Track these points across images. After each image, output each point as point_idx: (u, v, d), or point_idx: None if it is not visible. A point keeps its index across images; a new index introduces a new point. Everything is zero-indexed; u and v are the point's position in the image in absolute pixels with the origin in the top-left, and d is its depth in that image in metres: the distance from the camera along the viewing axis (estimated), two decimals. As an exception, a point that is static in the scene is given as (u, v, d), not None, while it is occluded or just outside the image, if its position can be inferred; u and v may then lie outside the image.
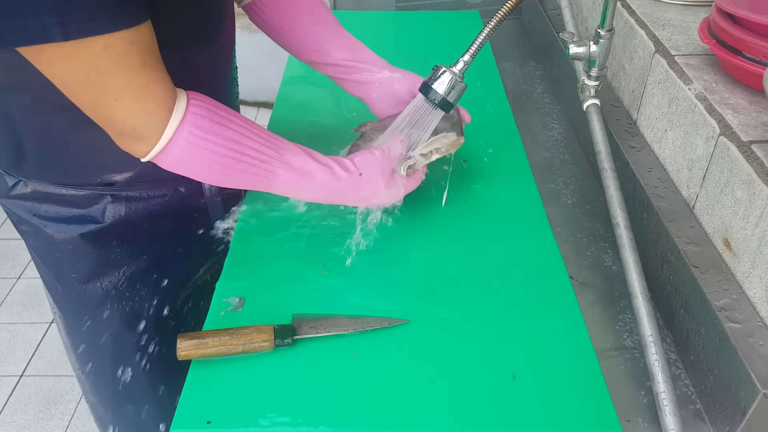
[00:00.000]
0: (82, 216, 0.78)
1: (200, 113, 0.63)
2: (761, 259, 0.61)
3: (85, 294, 0.82)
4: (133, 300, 0.84)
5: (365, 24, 1.37)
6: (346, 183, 0.72)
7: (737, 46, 0.70)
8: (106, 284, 0.82)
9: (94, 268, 0.81)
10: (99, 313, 0.83)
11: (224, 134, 0.64)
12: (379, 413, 0.61)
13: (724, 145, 0.67)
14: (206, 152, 0.64)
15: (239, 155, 0.65)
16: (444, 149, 0.79)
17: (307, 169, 0.69)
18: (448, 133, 0.79)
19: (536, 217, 0.84)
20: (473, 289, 0.74)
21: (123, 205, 0.79)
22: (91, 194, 0.77)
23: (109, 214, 0.79)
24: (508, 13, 0.71)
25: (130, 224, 0.80)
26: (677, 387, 0.66)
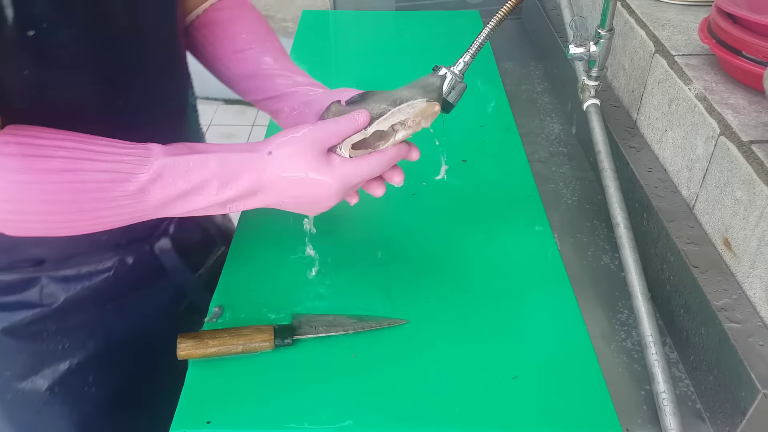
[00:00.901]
0: (13, 303, 0.68)
1: (9, 152, 0.50)
2: (761, 259, 0.61)
3: (22, 395, 0.71)
4: (82, 398, 0.73)
5: (365, 24, 1.37)
6: (246, 161, 0.56)
7: (737, 46, 0.70)
8: (46, 380, 0.70)
9: (32, 362, 0.70)
10: (41, 418, 0.72)
11: (48, 167, 0.51)
12: (379, 413, 0.61)
13: (724, 145, 0.67)
14: (33, 192, 0.51)
15: (75, 185, 0.52)
16: (412, 122, 0.60)
17: (188, 162, 0.55)
18: (414, 101, 0.60)
19: (536, 217, 0.84)
20: (473, 290, 0.74)
21: (60, 286, 0.68)
22: (21, 278, 0.67)
23: (46, 299, 0.68)
24: (508, 13, 0.71)
25: (74, 309, 0.70)
26: (677, 387, 0.66)
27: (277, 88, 0.70)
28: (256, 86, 0.72)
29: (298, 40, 1.29)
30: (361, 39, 1.31)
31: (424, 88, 0.63)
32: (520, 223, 0.84)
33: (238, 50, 0.72)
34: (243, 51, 0.72)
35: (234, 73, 0.73)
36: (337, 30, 1.36)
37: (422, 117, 0.61)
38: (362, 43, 1.29)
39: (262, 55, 0.71)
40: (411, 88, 0.63)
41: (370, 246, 0.80)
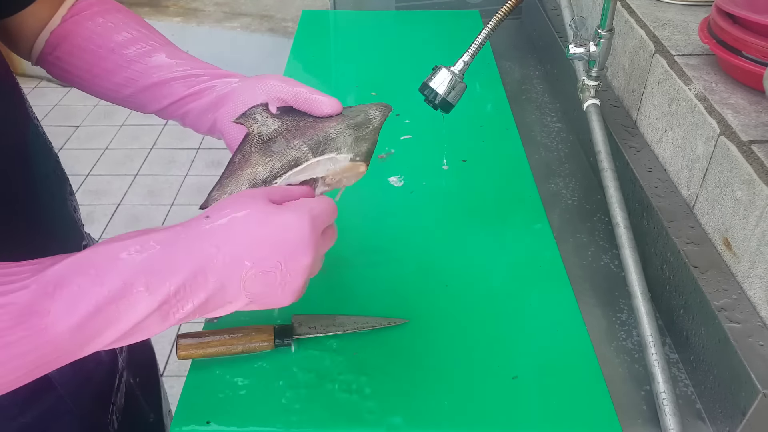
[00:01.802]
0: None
1: None
2: (761, 259, 0.61)
3: None
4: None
5: (365, 24, 1.37)
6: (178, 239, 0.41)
7: (737, 45, 0.70)
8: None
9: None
10: None
11: None
12: (379, 413, 0.61)
13: (724, 145, 0.67)
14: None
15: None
16: (331, 179, 0.53)
17: (93, 257, 0.39)
18: (338, 155, 0.52)
19: (535, 217, 0.84)
20: (473, 290, 0.74)
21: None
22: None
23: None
24: (508, 13, 0.71)
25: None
26: (677, 387, 0.66)
27: (178, 90, 0.59)
28: (155, 92, 0.59)
29: (298, 40, 1.29)
30: (361, 39, 1.31)
31: (356, 134, 0.53)
32: (519, 222, 0.84)
33: (119, 57, 0.59)
34: (124, 56, 0.59)
35: (120, 85, 0.60)
36: (337, 30, 1.36)
37: (343, 176, 0.53)
38: (362, 43, 1.29)
39: (150, 55, 0.60)
40: (345, 126, 0.54)
41: (369, 246, 0.80)
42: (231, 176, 0.53)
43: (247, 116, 0.55)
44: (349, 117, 0.55)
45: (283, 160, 0.52)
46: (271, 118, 0.55)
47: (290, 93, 0.56)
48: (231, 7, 2.80)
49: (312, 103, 0.55)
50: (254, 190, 0.46)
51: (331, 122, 0.55)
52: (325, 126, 0.54)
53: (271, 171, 0.52)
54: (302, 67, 1.20)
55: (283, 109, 0.56)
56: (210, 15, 2.74)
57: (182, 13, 2.74)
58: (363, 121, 0.55)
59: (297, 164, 0.52)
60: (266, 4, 2.82)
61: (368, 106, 0.57)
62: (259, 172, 0.52)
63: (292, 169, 0.52)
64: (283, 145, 0.53)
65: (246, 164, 0.53)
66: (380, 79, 1.14)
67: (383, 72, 1.18)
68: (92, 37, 0.59)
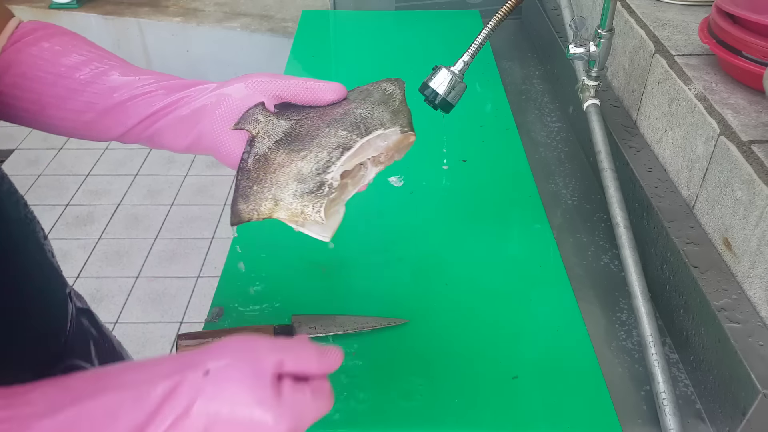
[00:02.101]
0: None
1: None
2: (761, 259, 0.61)
3: None
4: None
5: (365, 24, 1.37)
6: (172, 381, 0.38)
7: (737, 45, 0.70)
8: None
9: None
10: None
11: None
12: (378, 413, 0.61)
13: (724, 145, 0.67)
14: None
15: None
16: (384, 157, 0.50)
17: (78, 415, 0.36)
18: (386, 130, 0.49)
19: (536, 217, 0.84)
20: (473, 290, 0.74)
21: None
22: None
23: None
24: (508, 12, 0.71)
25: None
26: (677, 387, 0.66)
27: (145, 107, 0.52)
28: (119, 113, 0.53)
29: (298, 40, 1.29)
30: (361, 39, 1.31)
31: (388, 108, 0.50)
32: (520, 222, 0.84)
33: (71, 81, 0.53)
34: (77, 79, 0.53)
35: (78, 112, 0.53)
36: (337, 30, 1.36)
37: (396, 151, 0.50)
38: (362, 43, 1.29)
39: (108, 74, 0.53)
40: (370, 104, 0.51)
41: (369, 246, 0.80)
42: (258, 182, 0.47)
43: (247, 119, 0.50)
44: (362, 98, 0.52)
45: (325, 148, 0.48)
46: (275, 116, 0.51)
47: (287, 86, 0.52)
48: (231, 7, 2.80)
49: (314, 91, 0.51)
50: (269, 344, 0.39)
51: (349, 105, 0.50)
52: (344, 110, 0.50)
53: (318, 162, 0.47)
54: (302, 67, 1.20)
55: (280, 106, 0.52)
56: (210, 15, 2.73)
57: (182, 12, 2.74)
58: (384, 97, 0.52)
59: (347, 148, 0.48)
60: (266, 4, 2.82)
61: (374, 85, 0.54)
62: (303, 167, 0.47)
63: (343, 155, 0.47)
64: (312, 136, 0.48)
65: (271, 166, 0.48)
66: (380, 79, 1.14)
67: (383, 72, 1.17)
68: (38, 63, 0.52)
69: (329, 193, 0.46)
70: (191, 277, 1.99)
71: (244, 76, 0.53)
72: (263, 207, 0.46)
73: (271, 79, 0.52)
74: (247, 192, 0.47)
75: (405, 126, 0.50)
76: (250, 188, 0.47)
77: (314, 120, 0.50)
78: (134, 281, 1.97)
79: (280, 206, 0.46)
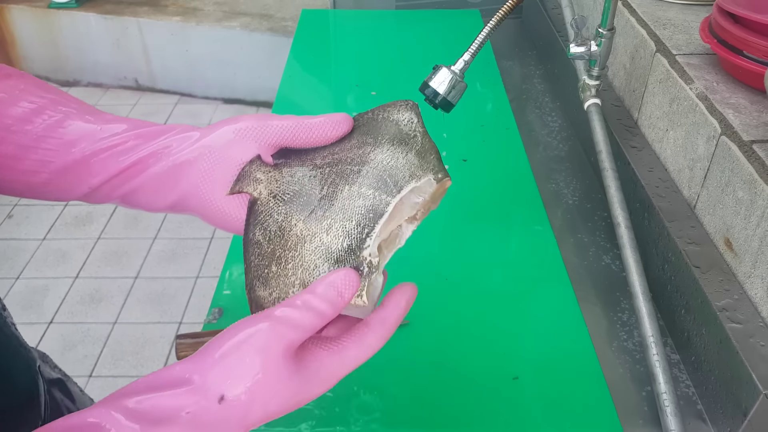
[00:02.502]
0: None
1: None
2: (762, 260, 0.61)
3: None
4: None
5: (365, 23, 1.37)
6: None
7: (738, 45, 0.69)
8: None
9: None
10: None
11: None
12: (378, 414, 0.61)
13: (725, 144, 0.67)
14: None
15: None
16: (421, 214, 0.43)
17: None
18: (418, 182, 0.41)
19: (536, 217, 0.84)
20: (473, 290, 0.74)
21: None
22: None
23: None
24: (508, 12, 0.71)
25: None
26: (678, 388, 0.66)
27: (113, 163, 0.43)
28: (79, 171, 0.44)
29: (297, 40, 1.28)
30: (361, 38, 1.31)
31: (412, 150, 0.42)
32: (520, 223, 0.83)
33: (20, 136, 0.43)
34: (28, 133, 0.43)
35: (29, 173, 0.44)
36: (337, 29, 1.36)
37: (432, 204, 0.43)
38: (362, 43, 1.29)
39: (64, 125, 0.44)
40: (388, 145, 0.42)
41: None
42: (276, 262, 0.40)
43: (245, 180, 0.42)
44: (374, 134, 0.43)
45: (352, 216, 0.40)
46: (277, 171, 0.42)
47: (284, 130, 0.43)
48: (230, 6, 2.80)
49: (316, 129, 0.42)
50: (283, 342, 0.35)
51: (363, 148, 0.42)
52: (358, 155, 0.42)
53: (348, 235, 0.39)
54: (302, 67, 1.20)
55: (278, 154, 0.43)
56: (209, 14, 2.73)
57: (181, 12, 2.74)
58: (402, 132, 0.43)
59: (378, 214, 0.40)
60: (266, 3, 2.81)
61: (384, 113, 0.44)
62: (331, 243, 0.39)
63: (377, 224, 0.39)
64: (329, 197, 0.40)
65: (288, 240, 0.40)
66: (380, 79, 1.14)
67: (383, 71, 1.17)
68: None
69: (369, 273, 0.39)
70: (190, 278, 1.99)
71: (229, 120, 0.44)
72: (291, 294, 0.39)
73: (263, 123, 0.43)
74: (266, 275, 0.40)
75: (438, 171, 0.42)
76: (268, 269, 0.40)
77: (326, 172, 0.42)
78: (133, 281, 1.97)
79: None
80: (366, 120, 0.44)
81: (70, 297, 1.91)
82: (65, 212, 2.24)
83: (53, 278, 1.98)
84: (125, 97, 2.84)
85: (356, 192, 0.40)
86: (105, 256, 2.06)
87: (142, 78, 2.85)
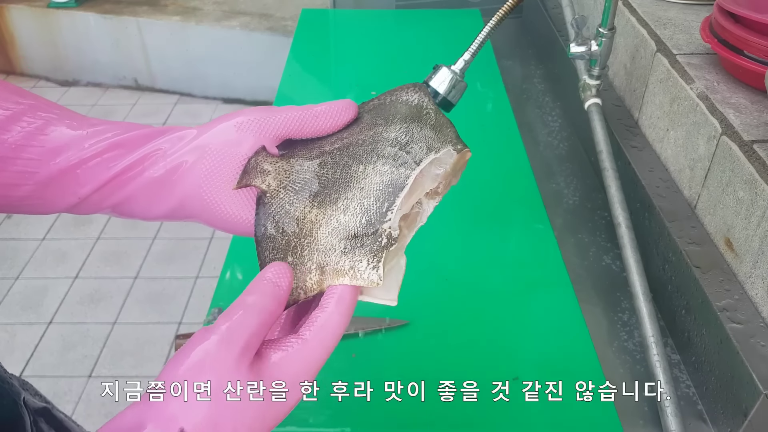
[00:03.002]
0: None
1: None
2: (763, 260, 0.61)
3: None
4: None
5: (365, 22, 1.37)
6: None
7: (739, 45, 0.69)
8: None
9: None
10: None
11: None
12: (378, 414, 0.61)
13: (725, 144, 0.67)
14: None
15: None
16: (443, 186, 0.41)
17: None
18: (437, 153, 0.40)
19: (537, 217, 0.84)
20: (473, 290, 0.74)
21: None
22: None
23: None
24: (509, 11, 0.70)
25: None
26: (678, 388, 0.66)
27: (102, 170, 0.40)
28: (65, 182, 0.40)
29: (297, 39, 1.28)
30: (361, 38, 1.31)
31: (426, 125, 0.41)
32: (520, 223, 0.83)
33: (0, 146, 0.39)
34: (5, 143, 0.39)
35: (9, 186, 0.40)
36: (336, 28, 1.36)
37: (453, 176, 0.41)
38: (362, 42, 1.29)
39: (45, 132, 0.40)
40: (401, 123, 0.41)
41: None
42: (291, 252, 0.38)
43: (252, 173, 0.39)
44: (383, 116, 0.42)
45: (370, 192, 0.38)
46: (284, 161, 0.40)
47: (289, 121, 0.40)
48: (230, 5, 2.79)
49: (323, 117, 0.41)
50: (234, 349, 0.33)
51: (373, 129, 0.40)
52: (369, 136, 0.40)
53: (367, 211, 0.38)
54: (301, 67, 1.20)
55: (283, 145, 0.41)
56: (209, 14, 2.73)
57: (181, 11, 2.73)
58: (413, 110, 0.42)
59: (399, 187, 0.38)
60: (265, 2, 2.81)
61: (390, 97, 0.43)
62: (349, 222, 0.38)
63: (398, 196, 0.38)
64: (344, 180, 0.39)
65: (302, 228, 0.38)
66: (380, 78, 1.14)
67: (383, 71, 1.17)
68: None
69: (389, 244, 0.37)
70: (190, 278, 1.98)
71: (230, 116, 0.41)
72: (309, 282, 0.37)
73: (266, 115, 0.40)
74: None
75: (456, 142, 0.41)
76: (284, 261, 0.38)
77: (336, 156, 0.40)
78: (133, 281, 1.97)
79: (326, 272, 0.37)
80: (373, 105, 0.43)
81: (69, 297, 1.91)
82: (65, 212, 2.23)
83: (53, 278, 1.98)
84: (125, 96, 2.84)
85: (372, 170, 0.38)
86: (104, 256, 2.06)
87: (141, 78, 2.85)
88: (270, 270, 0.36)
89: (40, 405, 0.57)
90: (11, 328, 1.84)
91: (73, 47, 2.83)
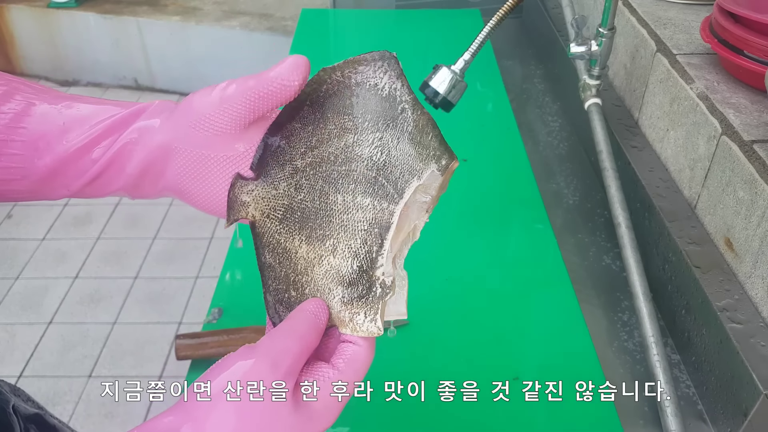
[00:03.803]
0: None
1: None
2: (763, 260, 0.61)
3: None
4: None
5: (365, 22, 1.37)
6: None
7: (739, 45, 0.69)
8: None
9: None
10: None
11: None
12: (378, 414, 0.61)
13: (725, 144, 0.67)
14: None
15: None
16: (431, 207, 0.39)
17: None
18: (420, 179, 0.36)
19: (537, 217, 0.84)
20: (473, 290, 0.74)
21: None
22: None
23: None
24: (508, 11, 0.70)
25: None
26: (678, 388, 0.66)
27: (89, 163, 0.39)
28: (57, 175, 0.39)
29: (297, 39, 1.28)
30: (361, 38, 1.31)
31: (404, 133, 0.36)
32: (520, 223, 0.83)
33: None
34: None
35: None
36: (336, 28, 1.36)
37: (440, 194, 0.38)
38: (362, 42, 1.29)
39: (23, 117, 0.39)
40: (374, 131, 0.36)
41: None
42: (293, 287, 0.38)
43: (234, 207, 0.40)
44: (350, 113, 0.38)
45: (355, 232, 0.36)
46: (260, 186, 0.39)
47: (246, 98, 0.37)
48: (230, 5, 2.79)
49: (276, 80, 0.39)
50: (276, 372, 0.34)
51: (342, 138, 0.37)
52: (340, 148, 0.37)
53: (356, 255, 0.36)
54: (302, 66, 1.20)
55: (255, 163, 0.39)
56: (209, 14, 2.73)
57: (181, 11, 2.73)
58: (384, 107, 0.36)
59: (384, 227, 0.36)
60: (265, 2, 2.81)
61: (351, 74, 0.40)
62: (341, 267, 0.37)
63: (384, 240, 0.36)
64: (324, 210, 0.37)
65: (296, 263, 0.38)
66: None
67: (383, 71, 1.17)
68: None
69: (384, 294, 0.36)
70: (190, 278, 1.98)
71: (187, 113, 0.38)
72: None
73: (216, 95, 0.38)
74: (287, 299, 0.39)
75: (440, 156, 0.35)
76: (287, 293, 0.38)
77: (310, 177, 0.37)
78: (133, 281, 1.97)
79: (331, 316, 0.38)
80: (336, 85, 0.39)
81: (69, 297, 1.91)
82: (64, 212, 2.23)
83: (53, 278, 1.98)
84: (124, 96, 2.84)
85: (351, 203, 0.36)
86: (104, 256, 2.06)
87: (141, 77, 2.85)
88: (311, 304, 0.37)
89: (32, 411, 0.57)
90: (11, 328, 1.84)
91: (73, 47, 2.83)
